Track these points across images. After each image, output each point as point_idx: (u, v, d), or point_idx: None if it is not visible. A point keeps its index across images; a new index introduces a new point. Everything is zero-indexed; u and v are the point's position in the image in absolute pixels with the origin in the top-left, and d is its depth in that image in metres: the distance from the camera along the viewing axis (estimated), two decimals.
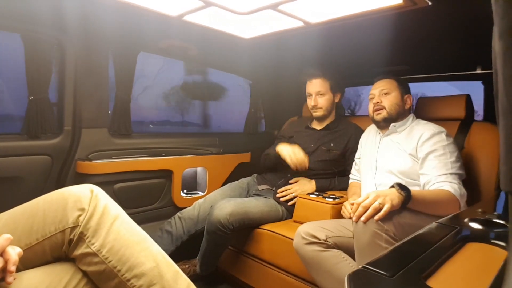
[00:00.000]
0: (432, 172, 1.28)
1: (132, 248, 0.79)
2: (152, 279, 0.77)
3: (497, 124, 0.34)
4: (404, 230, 1.04)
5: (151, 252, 0.81)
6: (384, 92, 1.47)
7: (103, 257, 0.77)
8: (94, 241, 0.77)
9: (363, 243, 1.04)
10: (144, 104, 3.55)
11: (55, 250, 0.79)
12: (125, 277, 0.77)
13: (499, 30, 0.30)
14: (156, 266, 0.79)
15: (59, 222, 0.78)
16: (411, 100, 1.50)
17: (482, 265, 0.58)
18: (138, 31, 1.67)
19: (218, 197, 1.75)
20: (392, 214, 1.04)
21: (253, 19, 1.45)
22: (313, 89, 1.81)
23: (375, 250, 1.00)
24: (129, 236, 0.81)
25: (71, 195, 0.80)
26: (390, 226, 1.01)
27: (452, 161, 1.28)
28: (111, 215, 0.81)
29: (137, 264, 0.78)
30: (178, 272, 0.83)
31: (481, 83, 1.92)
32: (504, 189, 0.32)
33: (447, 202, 1.19)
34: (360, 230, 1.04)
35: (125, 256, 0.78)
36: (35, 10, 1.36)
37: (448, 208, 1.15)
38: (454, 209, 1.17)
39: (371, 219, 1.03)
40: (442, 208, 1.16)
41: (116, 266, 0.77)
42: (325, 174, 1.78)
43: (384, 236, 1.00)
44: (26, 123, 1.44)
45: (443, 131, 1.36)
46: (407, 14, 1.24)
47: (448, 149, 1.30)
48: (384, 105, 1.46)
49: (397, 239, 1.01)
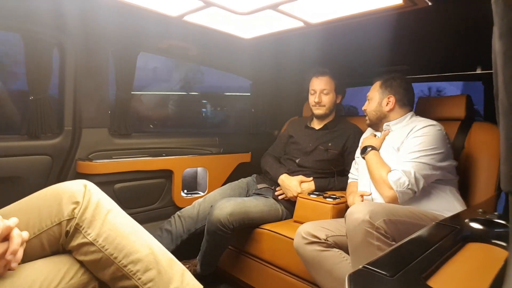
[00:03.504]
0: (402, 153, 1.33)
1: (127, 237, 0.81)
2: (148, 265, 0.80)
3: (498, 124, 0.34)
4: (397, 228, 1.05)
5: (145, 240, 0.84)
6: (368, 98, 1.58)
7: (100, 245, 0.79)
8: (90, 231, 0.79)
9: (355, 242, 1.05)
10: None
11: (52, 243, 0.81)
12: (122, 263, 0.79)
13: (499, 30, 0.30)
14: (151, 253, 0.82)
15: (54, 216, 0.80)
16: (393, 100, 1.49)
17: (483, 265, 0.58)
18: (138, 31, 1.67)
19: (217, 197, 1.75)
20: (383, 212, 1.06)
21: (253, 19, 1.45)
22: (319, 86, 1.81)
23: (367, 248, 1.02)
24: (123, 226, 0.83)
25: (65, 190, 0.82)
26: (381, 224, 1.02)
27: (425, 149, 1.28)
28: (105, 208, 0.83)
29: (133, 251, 0.80)
30: (172, 259, 0.85)
31: (481, 83, 1.92)
32: (504, 189, 0.32)
33: (381, 184, 1.30)
34: (351, 229, 1.06)
35: (121, 244, 0.80)
36: (35, 10, 1.36)
37: (382, 190, 1.29)
38: (385, 196, 1.28)
39: (363, 217, 1.04)
40: (378, 187, 1.32)
41: (112, 253, 0.79)
42: (323, 174, 1.78)
43: (375, 234, 1.01)
44: (26, 123, 1.45)
45: (437, 125, 1.35)
46: (407, 14, 1.24)
47: (430, 139, 1.30)
48: (367, 112, 1.57)
49: (389, 236, 1.03)
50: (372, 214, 1.03)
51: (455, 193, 1.34)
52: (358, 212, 1.06)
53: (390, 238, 1.02)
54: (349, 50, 1.85)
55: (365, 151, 1.45)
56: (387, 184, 1.27)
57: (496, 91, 0.35)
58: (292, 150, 1.90)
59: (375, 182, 1.34)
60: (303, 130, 1.93)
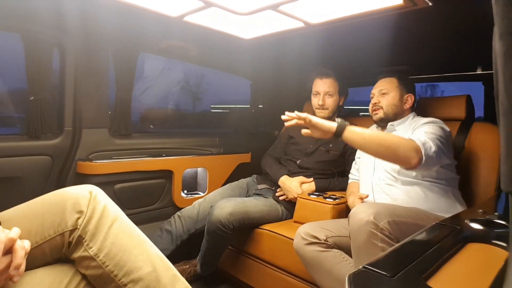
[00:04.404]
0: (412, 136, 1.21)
1: (130, 252, 0.79)
2: (149, 284, 0.77)
3: (498, 124, 0.34)
4: (400, 229, 1.04)
5: (149, 255, 0.81)
6: (382, 92, 1.49)
7: (100, 261, 0.77)
8: (92, 245, 0.77)
9: (359, 243, 1.04)
10: None
11: (54, 252, 0.79)
12: (122, 282, 0.77)
13: (499, 30, 0.30)
14: (153, 271, 0.79)
15: (58, 225, 0.78)
16: (412, 99, 1.49)
17: (483, 265, 0.58)
18: (138, 31, 1.68)
19: (217, 197, 1.75)
20: (387, 213, 1.05)
21: (253, 20, 1.45)
22: (323, 88, 1.79)
23: (371, 249, 1.01)
24: (127, 239, 0.80)
25: (69, 197, 0.80)
26: (386, 225, 1.02)
27: (434, 133, 1.23)
28: (110, 218, 0.81)
29: (134, 268, 0.78)
30: (176, 275, 0.83)
31: (481, 83, 1.92)
32: (504, 190, 0.32)
33: (405, 146, 1.12)
34: (355, 230, 1.05)
35: (122, 261, 0.78)
36: (35, 10, 1.36)
37: (406, 151, 1.10)
38: (412, 157, 1.10)
39: (367, 218, 1.02)
40: (398, 151, 1.12)
41: (113, 271, 0.77)
42: (324, 175, 1.78)
43: (379, 235, 1.00)
44: (27, 124, 1.45)
45: (439, 121, 1.34)
46: (407, 14, 1.24)
47: (437, 128, 1.27)
48: (382, 105, 1.47)
49: (393, 238, 1.02)
50: (377, 215, 1.03)
51: (456, 195, 1.33)
52: (362, 213, 1.05)
53: (394, 240, 1.02)
54: (349, 50, 1.85)
55: (342, 128, 1.16)
56: (414, 147, 1.11)
57: (496, 91, 0.35)
58: (293, 151, 1.89)
59: (391, 151, 1.12)
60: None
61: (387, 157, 1.16)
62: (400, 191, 1.33)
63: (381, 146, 1.12)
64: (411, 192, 1.31)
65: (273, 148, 2.05)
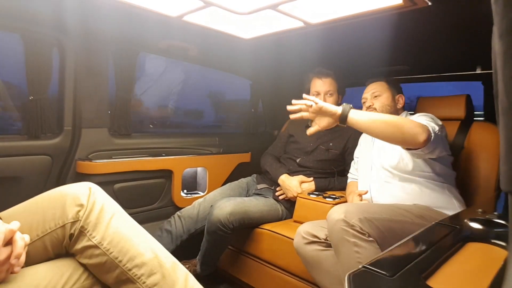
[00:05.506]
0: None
1: (131, 240, 0.82)
2: (152, 269, 0.80)
3: (497, 124, 0.34)
4: (374, 225, 1.08)
5: (149, 244, 0.84)
6: (375, 94, 1.53)
7: (105, 249, 0.79)
8: (95, 234, 0.80)
9: (335, 241, 1.11)
10: None
11: (55, 245, 0.80)
12: (126, 267, 0.79)
13: (499, 30, 0.30)
14: (155, 257, 0.82)
15: (58, 218, 0.80)
16: (403, 99, 1.56)
17: (482, 265, 0.58)
18: (138, 31, 1.67)
19: (217, 197, 1.75)
20: (357, 211, 1.10)
21: (253, 19, 1.45)
22: (323, 88, 1.79)
23: (345, 245, 1.07)
24: (127, 230, 0.83)
25: (69, 192, 0.83)
26: (356, 222, 1.07)
27: (434, 124, 1.23)
28: (109, 211, 0.84)
29: (137, 254, 0.80)
30: (175, 262, 0.85)
31: (481, 83, 1.92)
32: (504, 189, 0.32)
33: (411, 123, 1.14)
34: (330, 229, 1.12)
35: (125, 248, 0.80)
36: (35, 10, 1.36)
37: (413, 127, 1.12)
38: (420, 133, 1.11)
39: (338, 217, 1.08)
40: (405, 128, 1.12)
41: (117, 257, 0.79)
42: (324, 174, 1.78)
43: (351, 232, 1.06)
44: (26, 123, 1.44)
45: (431, 115, 1.35)
46: (407, 14, 1.24)
47: (431, 119, 1.29)
48: (376, 107, 1.50)
49: (365, 233, 1.06)
50: (347, 213, 1.09)
51: (453, 191, 1.35)
52: (335, 213, 1.12)
53: (366, 235, 1.06)
54: (349, 50, 1.85)
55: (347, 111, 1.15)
56: (419, 124, 1.13)
57: (495, 91, 0.35)
58: (293, 149, 1.89)
59: (398, 129, 1.12)
60: (304, 130, 1.92)
61: (394, 136, 1.14)
62: (397, 188, 1.36)
63: (388, 125, 1.12)
64: (408, 188, 1.34)
65: (272, 147, 2.05)
